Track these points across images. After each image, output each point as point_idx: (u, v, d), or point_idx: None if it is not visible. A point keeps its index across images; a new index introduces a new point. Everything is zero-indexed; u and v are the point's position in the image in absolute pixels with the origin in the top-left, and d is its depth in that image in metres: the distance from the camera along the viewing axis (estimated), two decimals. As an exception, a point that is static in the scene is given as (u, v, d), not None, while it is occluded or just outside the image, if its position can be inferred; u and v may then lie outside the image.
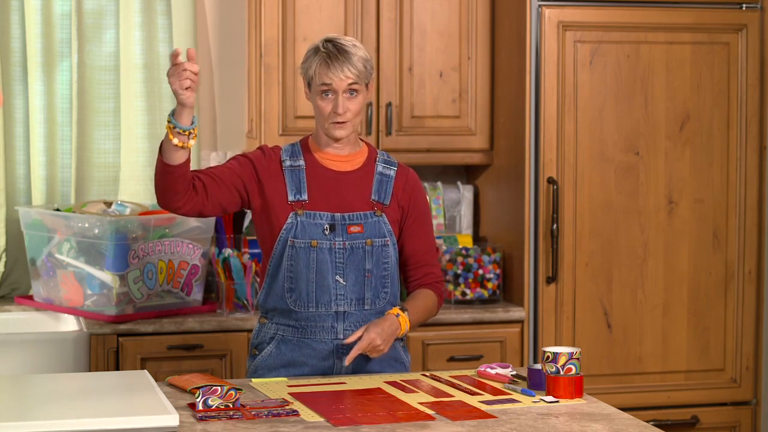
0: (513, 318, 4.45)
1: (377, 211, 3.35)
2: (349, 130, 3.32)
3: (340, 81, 3.26)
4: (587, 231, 4.44)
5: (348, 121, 3.30)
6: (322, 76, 3.27)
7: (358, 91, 3.28)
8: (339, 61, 3.25)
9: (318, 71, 3.27)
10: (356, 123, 3.33)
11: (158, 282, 4.24)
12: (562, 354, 3.01)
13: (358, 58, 3.27)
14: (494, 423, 2.82)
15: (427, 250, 3.45)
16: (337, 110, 3.27)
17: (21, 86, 4.53)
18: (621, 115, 4.44)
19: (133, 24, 4.56)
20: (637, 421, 2.87)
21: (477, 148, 4.67)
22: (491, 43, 4.64)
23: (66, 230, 4.22)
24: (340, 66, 3.25)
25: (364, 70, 3.28)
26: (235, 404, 2.91)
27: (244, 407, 2.91)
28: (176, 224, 4.27)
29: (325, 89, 3.27)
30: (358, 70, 3.26)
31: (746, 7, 4.53)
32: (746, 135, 4.53)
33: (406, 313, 3.31)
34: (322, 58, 3.26)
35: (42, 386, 2.96)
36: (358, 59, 3.27)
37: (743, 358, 4.58)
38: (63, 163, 4.56)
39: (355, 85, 3.27)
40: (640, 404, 4.45)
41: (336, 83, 3.26)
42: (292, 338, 3.34)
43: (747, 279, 4.57)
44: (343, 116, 3.28)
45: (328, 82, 3.26)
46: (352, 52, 3.27)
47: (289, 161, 3.35)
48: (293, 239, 3.30)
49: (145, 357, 4.14)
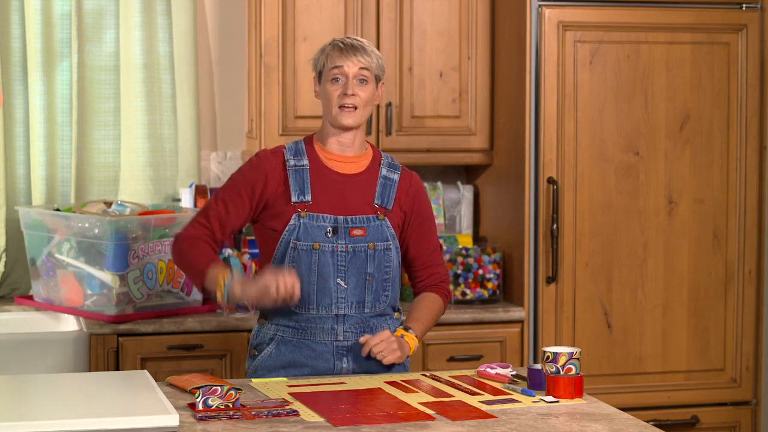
0: (513, 318, 4.45)
1: (380, 215, 3.35)
2: (358, 119, 3.31)
3: (352, 65, 3.28)
4: (587, 231, 4.44)
5: (357, 108, 3.29)
6: (334, 59, 3.30)
7: (368, 80, 3.31)
8: (353, 48, 3.30)
9: (330, 56, 3.31)
10: (365, 114, 3.33)
11: (158, 282, 4.24)
12: (562, 354, 3.01)
13: (372, 51, 3.33)
14: (494, 423, 2.82)
15: (432, 251, 3.46)
16: (347, 91, 3.27)
17: (21, 86, 4.53)
18: (621, 115, 4.44)
19: (133, 24, 4.56)
20: (637, 421, 2.87)
21: (477, 148, 4.67)
22: (491, 43, 4.64)
23: (66, 230, 4.22)
24: (354, 51, 3.30)
25: (376, 63, 3.32)
26: (235, 404, 2.91)
27: (244, 407, 2.91)
28: (176, 224, 4.27)
29: (337, 74, 3.29)
30: (371, 59, 3.31)
31: (746, 7, 4.53)
32: (746, 135, 4.53)
33: (410, 332, 3.35)
34: (336, 46, 3.32)
35: (42, 386, 2.96)
36: (372, 51, 3.33)
37: (743, 358, 4.58)
38: (63, 163, 4.56)
39: (365, 71, 3.29)
40: (640, 404, 4.45)
41: (347, 67, 3.28)
42: (292, 339, 3.34)
43: (747, 279, 4.57)
44: (352, 99, 3.28)
45: (339, 65, 3.28)
46: (366, 46, 3.33)
47: (293, 161, 3.34)
48: (296, 241, 3.29)
49: (145, 357, 4.14)
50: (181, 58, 4.64)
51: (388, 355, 3.26)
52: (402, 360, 3.29)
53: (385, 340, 3.26)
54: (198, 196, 4.49)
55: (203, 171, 4.76)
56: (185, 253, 3.32)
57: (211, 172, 4.79)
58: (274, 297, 3.12)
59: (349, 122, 3.30)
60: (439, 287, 3.47)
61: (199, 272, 3.27)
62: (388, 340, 3.26)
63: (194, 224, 3.35)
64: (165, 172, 4.64)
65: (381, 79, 3.36)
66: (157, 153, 4.62)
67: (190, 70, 4.65)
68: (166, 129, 4.63)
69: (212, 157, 4.78)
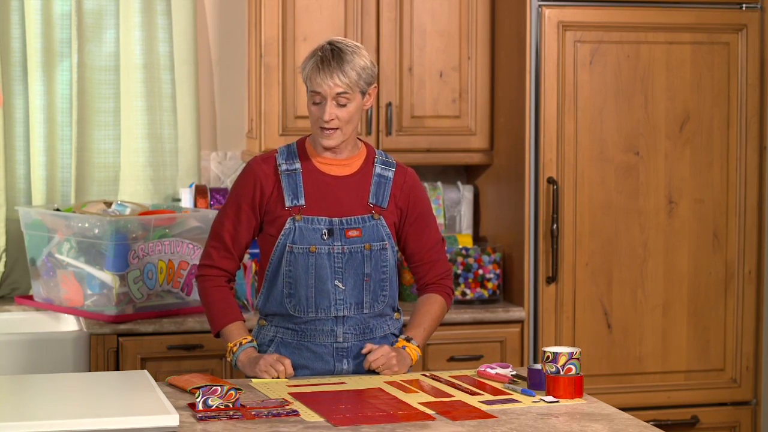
0: (513, 318, 4.45)
1: (375, 215, 3.35)
2: (339, 139, 3.28)
3: (329, 88, 3.22)
4: (587, 231, 4.44)
5: (337, 129, 3.26)
6: (312, 82, 3.25)
7: (349, 100, 3.24)
8: (330, 68, 3.21)
9: (309, 76, 3.25)
10: (348, 131, 3.28)
11: (158, 282, 4.24)
12: (562, 354, 3.01)
13: (353, 66, 3.22)
14: (494, 423, 2.82)
15: (431, 246, 3.45)
16: (323, 116, 3.24)
17: (21, 86, 4.53)
18: (621, 115, 4.44)
19: (133, 24, 4.56)
20: (637, 421, 2.87)
21: (477, 148, 4.67)
22: (491, 43, 4.64)
23: (66, 230, 4.22)
24: (330, 73, 3.21)
25: (356, 79, 3.22)
26: (235, 404, 2.91)
27: (244, 407, 2.91)
28: (176, 224, 4.27)
29: (316, 98, 3.25)
30: (350, 78, 3.21)
31: (746, 7, 4.53)
32: (746, 135, 4.53)
33: (412, 342, 3.37)
34: (316, 62, 3.23)
35: (42, 386, 2.96)
36: (353, 67, 3.22)
37: (743, 358, 4.58)
38: (63, 163, 4.56)
39: (344, 95, 3.23)
40: (640, 404, 4.45)
41: (324, 90, 3.23)
42: (292, 341, 3.34)
43: (747, 279, 4.57)
44: (330, 123, 3.24)
45: (317, 90, 3.24)
46: (347, 59, 3.22)
47: (285, 165, 3.33)
48: (291, 245, 3.29)
49: (145, 357, 4.14)
50: (181, 58, 4.64)
51: (385, 371, 3.29)
52: (401, 373, 3.32)
53: (384, 356, 3.28)
54: (198, 196, 4.49)
55: (203, 171, 4.76)
56: (208, 297, 3.41)
57: (211, 172, 4.79)
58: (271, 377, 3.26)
59: (330, 143, 3.28)
60: (439, 285, 3.46)
61: (217, 324, 3.38)
62: (387, 356, 3.29)
63: (210, 252, 3.38)
64: (165, 172, 4.65)
65: (372, 84, 3.29)
66: (157, 153, 4.62)
67: (190, 70, 4.65)
68: (166, 129, 4.63)
69: (212, 157, 4.78)
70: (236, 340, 3.32)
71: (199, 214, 4.35)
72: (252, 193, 3.32)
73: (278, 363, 3.25)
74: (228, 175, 4.79)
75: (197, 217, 4.34)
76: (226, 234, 3.34)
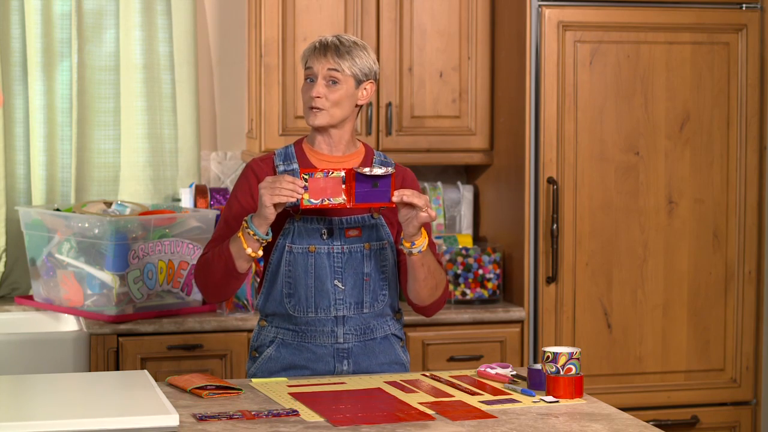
0: (513, 318, 4.45)
1: (374, 214, 3.35)
2: (325, 119, 3.26)
3: (320, 65, 3.23)
4: (587, 231, 4.44)
5: (324, 110, 3.25)
6: (306, 59, 3.28)
7: (339, 81, 3.23)
8: (326, 48, 3.24)
9: (306, 55, 3.29)
10: (336, 116, 3.26)
11: (158, 282, 4.25)
12: (562, 354, 3.01)
13: (350, 52, 3.24)
14: (494, 423, 2.82)
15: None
16: (311, 93, 3.25)
17: (21, 86, 4.53)
18: (621, 115, 4.44)
19: (133, 24, 4.56)
20: (637, 421, 2.87)
21: (477, 148, 4.67)
22: (491, 43, 4.64)
23: (66, 230, 4.22)
24: (324, 52, 3.24)
25: (350, 63, 3.23)
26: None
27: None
28: (176, 224, 4.28)
29: (309, 74, 3.26)
30: (343, 60, 3.23)
31: (746, 7, 4.53)
32: (746, 135, 4.53)
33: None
34: (313, 45, 3.28)
35: (42, 386, 2.96)
36: (349, 52, 3.24)
37: (743, 358, 4.58)
38: (63, 163, 4.56)
39: (335, 73, 3.23)
40: (640, 404, 4.45)
41: (316, 67, 3.24)
42: (292, 342, 3.34)
43: (747, 279, 4.57)
44: (317, 102, 3.23)
45: (310, 66, 3.26)
46: (346, 46, 3.25)
47: (282, 166, 3.33)
48: (291, 245, 3.29)
49: (145, 357, 4.14)
50: (181, 58, 4.64)
51: (414, 199, 3.11)
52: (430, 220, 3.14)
53: (413, 192, 3.12)
54: (198, 196, 4.49)
55: (203, 171, 4.76)
56: (203, 266, 3.28)
57: (211, 172, 4.79)
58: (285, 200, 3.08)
59: (315, 123, 3.26)
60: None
61: (226, 257, 3.21)
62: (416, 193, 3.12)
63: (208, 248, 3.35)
64: (165, 172, 4.65)
65: (369, 79, 3.29)
66: (157, 153, 4.62)
67: (190, 70, 4.66)
68: (166, 129, 4.63)
69: (212, 157, 4.79)
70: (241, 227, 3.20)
71: (199, 214, 4.35)
72: (252, 193, 3.32)
73: (284, 182, 3.07)
74: (228, 175, 4.79)
75: (197, 217, 4.34)
76: (226, 235, 3.34)
